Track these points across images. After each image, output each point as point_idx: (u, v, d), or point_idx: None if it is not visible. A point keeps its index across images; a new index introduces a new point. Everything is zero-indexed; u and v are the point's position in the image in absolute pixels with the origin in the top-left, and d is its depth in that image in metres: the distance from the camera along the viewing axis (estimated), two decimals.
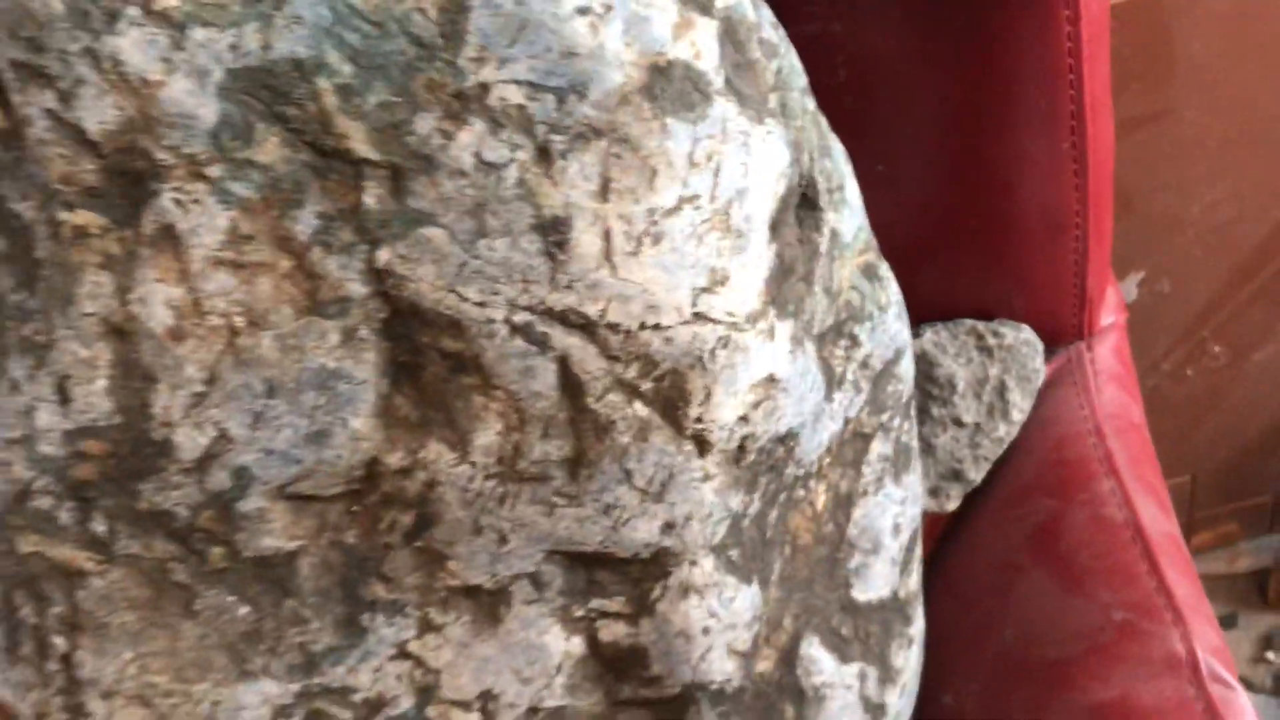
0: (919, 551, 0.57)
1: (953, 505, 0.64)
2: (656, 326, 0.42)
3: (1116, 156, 0.60)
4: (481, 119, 0.39)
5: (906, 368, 0.54)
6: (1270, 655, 1.24)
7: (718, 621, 0.47)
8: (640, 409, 0.43)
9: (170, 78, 0.37)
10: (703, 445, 0.44)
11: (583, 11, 0.39)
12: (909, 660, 0.56)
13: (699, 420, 0.44)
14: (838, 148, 0.51)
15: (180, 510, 0.41)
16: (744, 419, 0.45)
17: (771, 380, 0.45)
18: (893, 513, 0.54)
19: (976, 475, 0.63)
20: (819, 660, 0.52)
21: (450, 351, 0.41)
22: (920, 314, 0.63)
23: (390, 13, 0.38)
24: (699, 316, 0.42)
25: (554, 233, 0.40)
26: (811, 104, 0.49)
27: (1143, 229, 0.83)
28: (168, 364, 0.39)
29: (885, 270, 0.54)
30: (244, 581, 0.43)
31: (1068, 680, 0.56)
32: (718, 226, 0.43)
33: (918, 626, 0.57)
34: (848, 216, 0.51)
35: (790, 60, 0.47)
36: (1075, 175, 0.57)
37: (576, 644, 0.47)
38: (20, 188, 0.39)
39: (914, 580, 0.56)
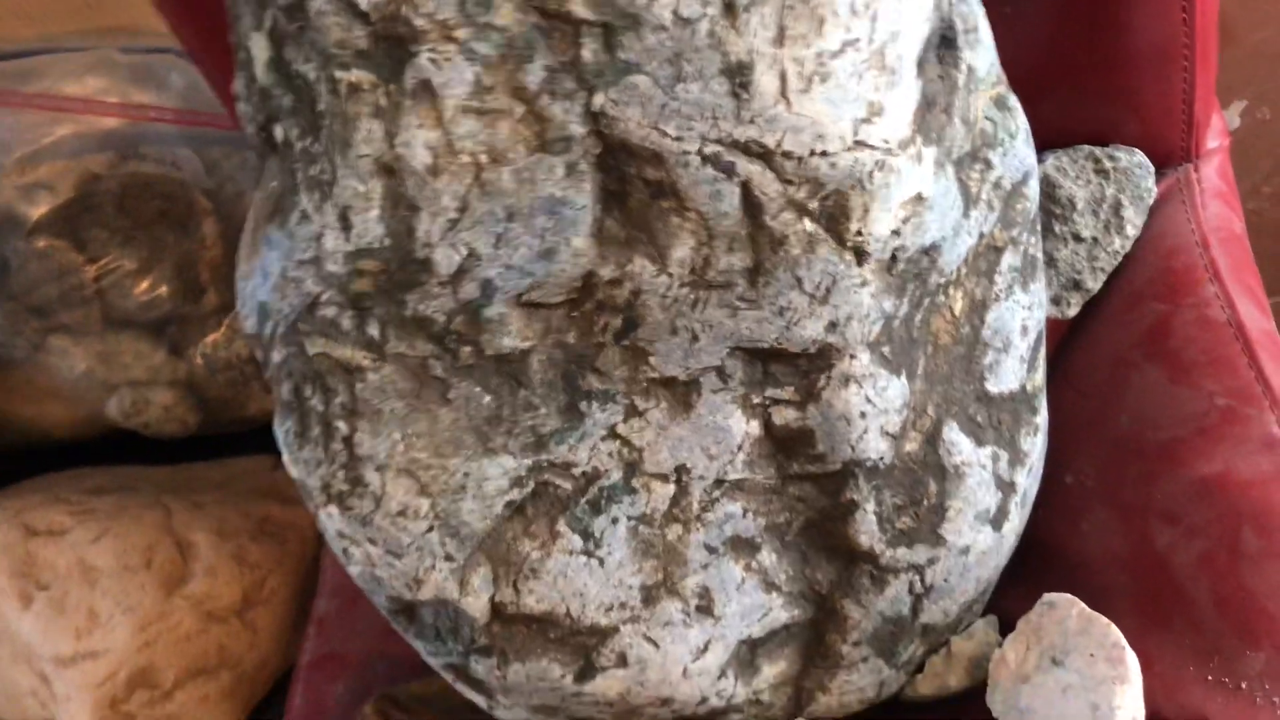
0: (1043, 351, 0.64)
1: (1073, 312, 0.71)
2: (824, 153, 0.49)
3: None
4: None
5: (1033, 188, 0.61)
6: None
7: (873, 407, 0.55)
8: (809, 224, 0.51)
9: None
10: (861, 255, 0.52)
11: None
12: (1035, 445, 0.64)
13: (858, 233, 0.51)
14: None
15: (438, 316, 0.50)
16: (896, 232, 0.52)
17: (919, 198, 0.53)
18: (1021, 316, 0.62)
19: (1094, 284, 0.70)
20: (958, 443, 0.60)
21: (652, 180, 0.49)
22: (1042, 141, 0.70)
23: None
24: (859, 143, 0.50)
25: (739, 75, 0.48)
26: None
27: (1245, 60, 0.88)
28: (428, 195, 0.48)
29: (1014, 101, 0.60)
30: (487, 375, 0.52)
31: (1176, 458, 0.64)
32: (875, 65, 0.50)
33: (1042, 416, 0.65)
34: (982, 54, 0.58)
35: None
36: (1183, 11, 0.63)
37: (754, 426, 0.56)
38: (304, 52, 0.48)
39: (1039, 375, 0.64)
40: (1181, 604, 0.60)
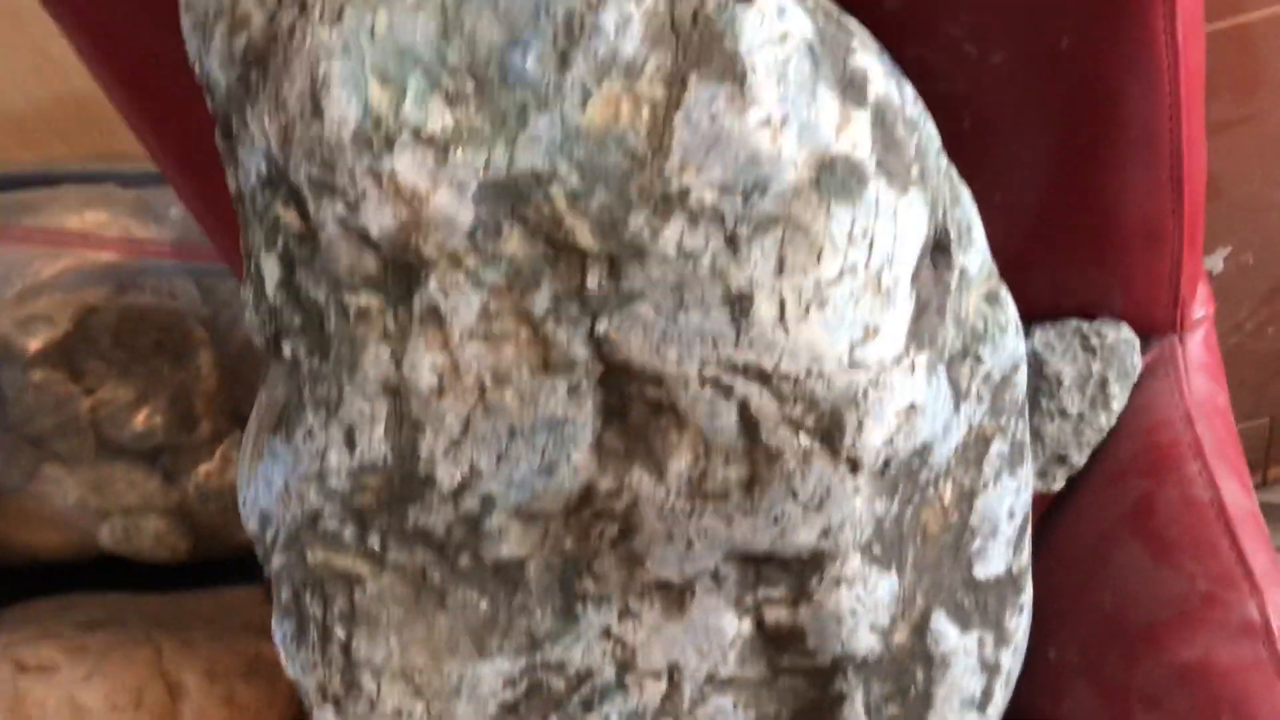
0: (1029, 530, 0.65)
1: (1059, 486, 0.73)
2: (820, 374, 0.50)
3: (1208, 151, 0.67)
4: (682, 215, 0.47)
5: (1021, 376, 0.63)
6: None
7: (863, 605, 0.56)
8: (804, 439, 0.52)
9: (437, 190, 0.46)
10: (855, 466, 0.53)
11: (765, 124, 0.47)
12: (1020, 624, 0.65)
13: (852, 446, 0.52)
14: (965, 194, 0.59)
15: (438, 527, 0.51)
16: (889, 441, 0.53)
17: (912, 408, 0.54)
18: (1008, 501, 0.63)
19: (1080, 459, 0.72)
20: (945, 631, 0.61)
21: (652, 398, 0.50)
22: (1032, 312, 0.72)
23: (609, 132, 0.47)
24: (855, 364, 0.51)
25: (739, 304, 0.49)
26: (944, 162, 0.57)
27: (1230, 211, 0.90)
28: (432, 416, 0.49)
29: (1004, 293, 0.62)
30: (485, 581, 0.53)
31: (1157, 641, 0.65)
32: (870, 289, 0.51)
33: (1027, 594, 0.66)
34: (974, 255, 0.59)
35: (927, 129, 0.55)
36: (1172, 198, 0.65)
37: (746, 625, 0.57)
38: (314, 276, 0.49)
39: (1025, 555, 0.65)
40: None
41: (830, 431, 0.52)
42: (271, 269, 0.50)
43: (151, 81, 0.66)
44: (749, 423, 0.51)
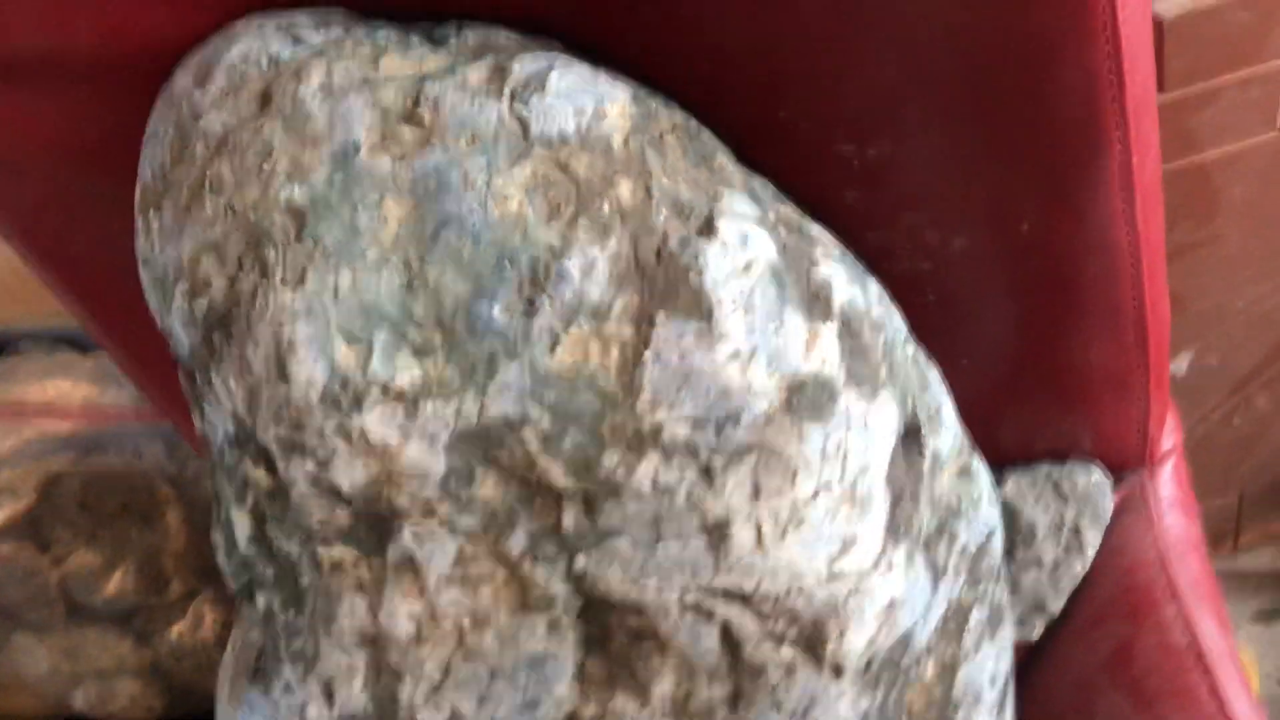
0: (1012, 689, 0.66)
1: (1037, 634, 0.73)
2: (800, 590, 0.50)
3: (1170, 269, 0.68)
4: (656, 451, 0.47)
5: (997, 542, 0.63)
6: None
7: None
8: (787, 652, 0.52)
9: (408, 443, 0.46)
10: (838, 671, 0.53)
11: (734, 357, 0.47)
12: None
13: (835, 653, 0.52)
14: (934, 376, 0.59)
15: None
16: (871, 642, 0.53)
17: (892, 604, 0.54)
18: (989, 668, 0.63)
19: (1057, 606, 0.72)
20: None
21: (633, 627, 0.50)
22: (1004, 457, 0.72)
23: (579, 374, 0.47)
24: (834, 576, 0.51)
25: (716, 532, 0.49)
26: (911, 349, 0.57)
27: (1193, 321, 0.92)
28: (411, 663, 0.49)
29: (976, 464, 0.62)
30: None
31: None
32: (846, 501, 0.51)
33: None
34: (945, 434, 0.59)
35: (893, 323, 0.55)
36: (1138, 355, 0.65)
37: None
38: (286, 530, 0.48)
39: (1009, 715, 0.65)
40: None
41: (813, 642, 0.52)
42: (243, 523, 0.49)
43: (72, 254, 0.65)
44: (731, 642, 0.51)
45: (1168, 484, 0.74)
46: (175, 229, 0.49)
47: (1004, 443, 0.71)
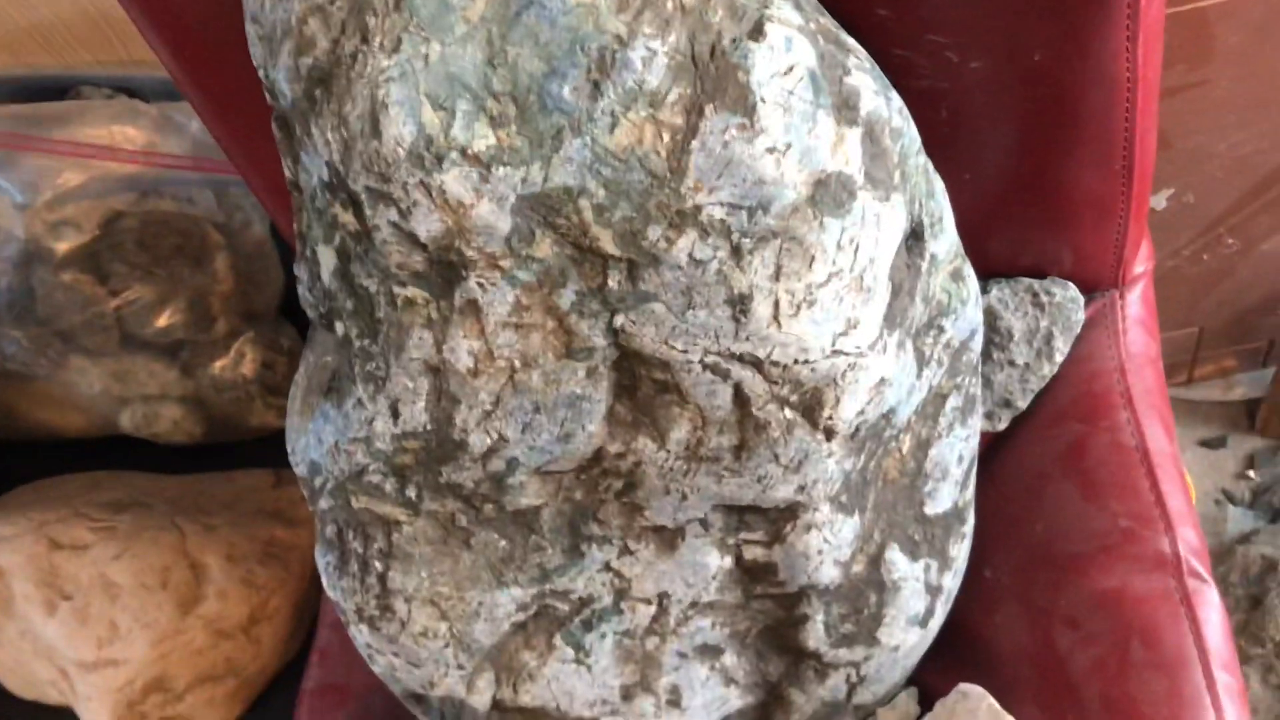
0: (975, 469, 0.74)
1: (1003, 426, 0.81)
2: (806, 361, 0.58)
3: (1161, 108, 0.74)
4: (694, 229, 0.54)
5: (977, 341, 0.70)
6: (1251, 473, 1.44)
7: (829, 545, 0.65)
8: (788, 413, 0.59)
9: (479, 202, 0.53)
10: (830, 434, 0.61)
11: (771, 151, 0.53)
12: (962, 550, 0.74)
13: (829, 418, 0.60)
14: (939, 186, 0.65)
15: (467, 482, 0.59)
16: (861, 412, 0.61)
17: (882, 381, 0.61)
18: (958, 448, 0.71)
19: (1023, 403, 0.80)
20: (897, 561, 0.69)
21: (658, 379, 0.58)
22: (990, 269, 0.79)
23: (633, 152, 0.53)
24: (836, 352, 0.58)
25: (739, 304, 0.56)
26: (922, 159, 0.63)
27: (1175, 158, 0.97)
28: (467, 392, 0.56)
29: (967, 269, 0.69)
30: (504, 525, 0.61)
31: (1080, 570, 0.74)
32: (854, 288, 0.58)
33: (969, 524, 0.75)
34: (943, 240, 0.66)
35: (909, 133, 0.61)
36: (1122, 184, 0.72)
37: (727, 561, 0.65)
38: (367, 269, 0.55)
39: (970, 491, 0.74)
40: (1075, 703, 0.71)
41: (811, 407, 0.59)
42: (328, 259, 0.56)
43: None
44: (741, 400, 0.58)
45: (1135, 304, 0.82)
46: None
47: (992, 255, 0.79)
